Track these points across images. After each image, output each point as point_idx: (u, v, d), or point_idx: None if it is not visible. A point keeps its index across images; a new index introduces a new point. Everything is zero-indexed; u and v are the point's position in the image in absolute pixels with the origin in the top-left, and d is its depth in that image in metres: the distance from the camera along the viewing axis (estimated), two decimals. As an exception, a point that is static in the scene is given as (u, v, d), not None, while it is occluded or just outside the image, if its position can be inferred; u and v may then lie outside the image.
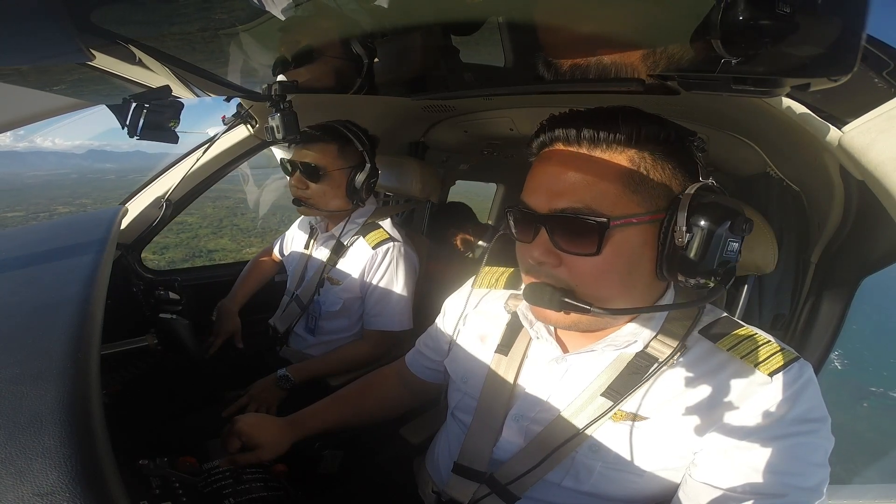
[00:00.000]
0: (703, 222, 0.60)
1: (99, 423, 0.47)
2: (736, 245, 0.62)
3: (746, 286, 1.09)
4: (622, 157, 0.62)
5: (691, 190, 0.62)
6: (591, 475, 0.70)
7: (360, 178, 1.44)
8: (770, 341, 0.67)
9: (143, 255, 1.96)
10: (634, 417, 0.68)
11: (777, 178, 1.13)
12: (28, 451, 0.42)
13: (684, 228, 0.60)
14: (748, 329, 0.69)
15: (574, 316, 0.66)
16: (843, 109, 0.67)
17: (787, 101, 0.74)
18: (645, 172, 0.62)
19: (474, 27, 0.91)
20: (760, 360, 0.64)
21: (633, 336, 0.71)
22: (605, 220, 0.60)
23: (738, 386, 0.64)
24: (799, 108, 0.72)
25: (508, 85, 1.15)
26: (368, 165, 1.45)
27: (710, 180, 0.64)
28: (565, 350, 0.77)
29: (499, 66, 1.06)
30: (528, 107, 1.44)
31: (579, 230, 0.62)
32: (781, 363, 0.63)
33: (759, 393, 0.62)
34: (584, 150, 0.64)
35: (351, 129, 1.45)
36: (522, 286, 0.88)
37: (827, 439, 0.61)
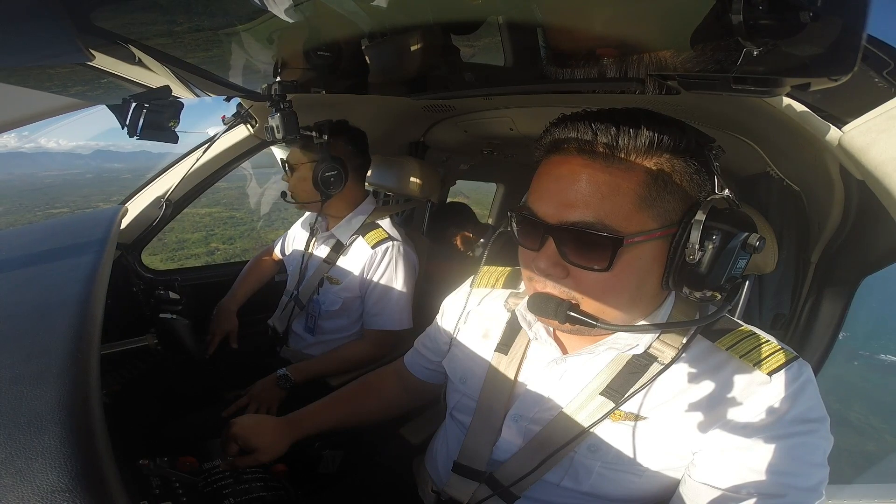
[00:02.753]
0: (714, 238, 0.57)
1: (99, 423, 0.47)
2: (744, 262, 0.60)
3: (746, 286, 1.09)
4: (640, 168, 0.59)
5: (706, 205, 0.59)
6: (589, 475, 0.70)
7: (322, 171, 1.43)
8: (769, 341, 0.66)
9: (211, 245, 1.97)
10: (632, 417, 0.68)
11: (777, 177, 1.13)
12: (28, 451, 0.42)
13: (697, 245, 0.58)
14: (747, 328, 0.69)
15: (580, 325, 0.64)
16: (843, 109, 0.67)
17: (787, 101, 0.74)
18: (663, 185, 0.59)
19: (474, 26, 0.91)
20: (759, 359, 0.64)
21: (634, 340, 0.70)
22: (619, 237, 0.58)
23: (736, 385, 0.63)
24: (799, 108, 0.72)
25: (508, 85, 1.15)
26: (332, 160, 1.44)
27: (726, 192, 0.61)
28: (564, 351, 0.77)
29: (499, 66, 1.06)
30: (528, 106, 1.44)
31: (590, 245, 0.59)
32: (780, 363, 0.63)
33: (758, 393, 0.62)
34: (600, 157, 0.59)
35: (318, 125, 1.42)
36: (522, 285, 0.88)
37: (826, 439, 0.61)
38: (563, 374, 0.75)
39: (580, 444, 0.70)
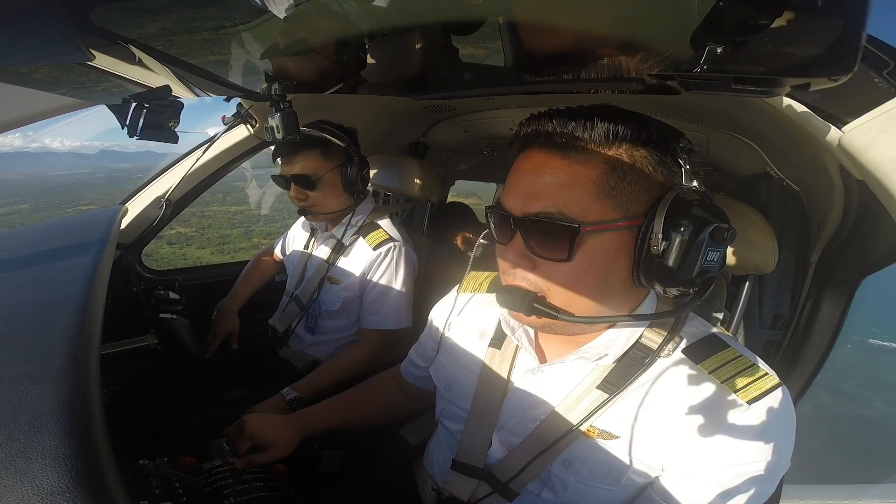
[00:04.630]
0: (681, 230, 0.57)
1: (99, 423, 0.47)
2: (717, 254, 0.60)
3: (746, 286, 1.09)
4: (597, 159, 0.60)
5: (670, 196, 0.59)
6: (566, 489, 0.70)
7: (352, 172, 1.45)
8: (754, 365, 0.65)
9: (254, 240, 1.95)
10: (606, 436, 0.68)
11: (777, 177, 1.13)
12: (28, 451, 0.42)
13: (660, 236, 0.58)
14: (733, 351, 0.67)
15: (546, 318, 0.64)
16: (843, 109, 0.67)
17: (787, 101, 0.74)
18: (621, 175, 0.60)
19: (474, 27, 0.91)
20: (741, 386, 0.63)
21: (603, 349, 0.69)
22: (575, 225, 0.58)
23: (714, 411, 0.63)
24: (799, 108, 0.72)
25: (508, 84, 1.15)
26: (356, 158, 1.45)
27: (695, 183, 0.61)
28: (543, 360, 0.77)
29: (499, 66, 1.05)
30: (529, 107, 1.44)
31: (551, 235, 0.60)
32: (762, 391, 0.62)
33: (734, 420, 0.61)
34: (559, 152, 0.61)
35: (326, 129, 1.44)
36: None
37: (784, 468, 0.63)
38: (541, 383, 0.75)
39: (556, 458, 0.70)
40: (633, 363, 0.68)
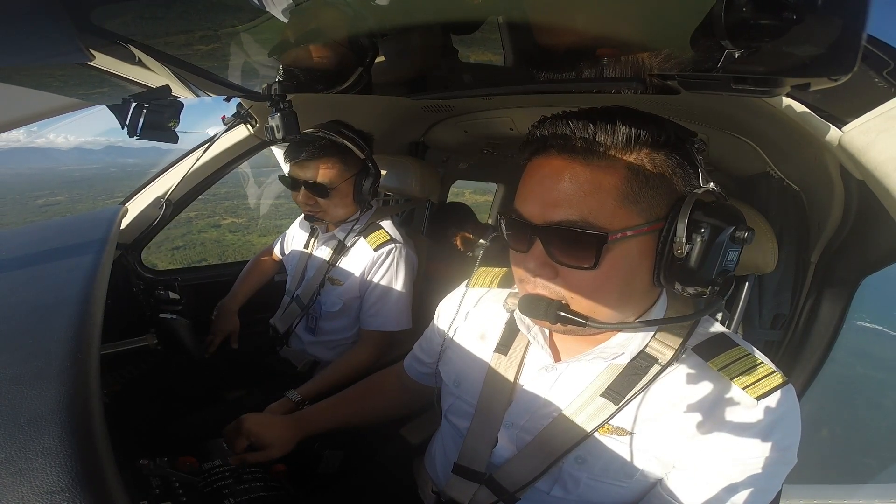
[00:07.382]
0: (702, 231, 0.57)
1: (99, 423, 0.47)
2: (735, 254, 0.60)
3: (746, 286, 1.09)
4: (620, 165, 0.59)
5: (691, 198, 0.59)
6: (577, 486, 0.70)
7: (366, 184, 1.44)
8: (762, 363, 0.66)
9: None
10: (620, 432, 0.68)
11: (777, 177, 1.13)
12: (28, 451, 0.42)
13: (684, 240, 0.58)
14: (741, 349, 0.68)
15: (572, 325, 0.64)
16: (843, 109, 0.67)
17: (787, 101, 0.74)
18: (644, 180, 0.59)
19: (474, 26, 0.91)
20: (749, 383, 0.64)
21: (620, 348, 0.70)
22: (602, 233, 0.58)
23: (724, 407, 0.63)
24: (799, 108, 0.72)
25: (508, 84, 1.15)
26: (373, 170, 1.46)
27: (711, 184, 0.61)
28: (558, 357, 0.76)
29: (499, 66, 1.05)
30: (528, 106, 1.44)
31: (576, 243, 0.59)
32: (769, 388, 0.63)
33: (743, 416, 0.62)
34: (580, 157, 0.60)
35: (347, 135, 1.42)
36: (514, 287, 0.88)
37: (790, 463, 0.63)
38: (554, 381, 0.75)
39: (568, 455, 0.70)
40: (646, 364, 0.69)
